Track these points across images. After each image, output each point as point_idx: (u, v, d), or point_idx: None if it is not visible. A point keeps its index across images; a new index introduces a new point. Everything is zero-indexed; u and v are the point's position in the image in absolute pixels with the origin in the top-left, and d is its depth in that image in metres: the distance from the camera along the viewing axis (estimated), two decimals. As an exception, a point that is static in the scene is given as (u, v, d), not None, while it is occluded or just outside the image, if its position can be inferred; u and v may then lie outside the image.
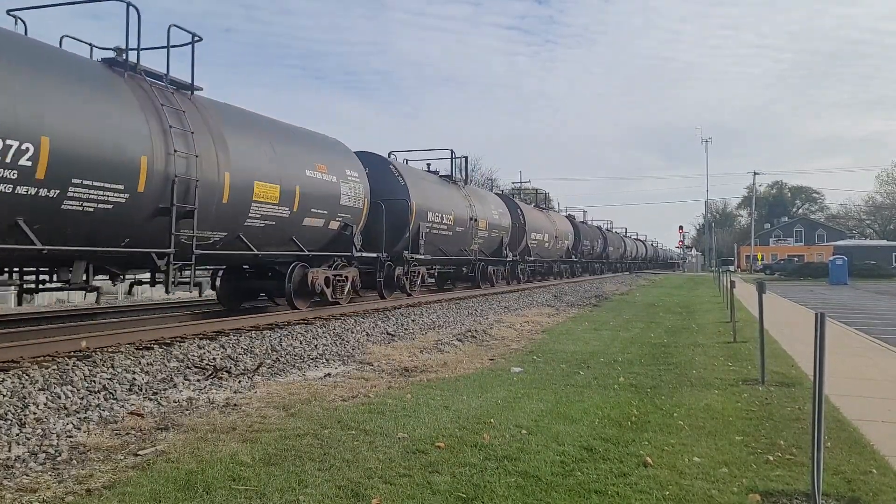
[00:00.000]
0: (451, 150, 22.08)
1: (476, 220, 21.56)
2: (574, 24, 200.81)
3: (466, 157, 23.35)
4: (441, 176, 21.30)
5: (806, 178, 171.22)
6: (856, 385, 7.71)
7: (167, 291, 9.58)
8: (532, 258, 29.17)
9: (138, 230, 8.73)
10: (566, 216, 40.84)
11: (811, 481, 3.92)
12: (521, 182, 43.96)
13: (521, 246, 27.20)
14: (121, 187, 8.16)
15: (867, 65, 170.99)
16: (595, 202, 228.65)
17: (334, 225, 13.31)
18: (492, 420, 5.83)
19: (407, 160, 20.02)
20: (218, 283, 13.42)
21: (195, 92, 10.28)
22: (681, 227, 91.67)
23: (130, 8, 8.82)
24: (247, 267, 13.09)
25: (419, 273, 18.11)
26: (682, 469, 4.58)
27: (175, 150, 8.93)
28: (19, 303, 14.84)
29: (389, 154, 18.24)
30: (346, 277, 14.01)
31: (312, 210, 12.28)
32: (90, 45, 9.38)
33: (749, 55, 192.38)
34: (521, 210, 28.10)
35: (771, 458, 4.87)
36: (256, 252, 11.04)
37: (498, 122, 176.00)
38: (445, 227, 19.15)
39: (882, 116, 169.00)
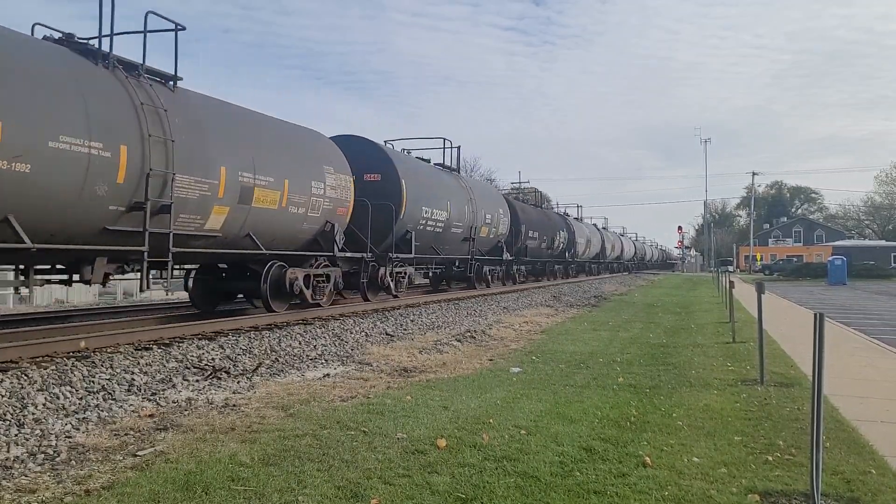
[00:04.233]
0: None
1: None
2: (572, 25, 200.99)
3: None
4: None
5: (805, 178, 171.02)
6: (855, 385, 7.72)
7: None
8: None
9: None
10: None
11: (810, 481, 3.92)
12: (520, 182, 43.81)
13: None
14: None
15: (866, 65, 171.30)
16: (594, 202, 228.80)
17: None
18: (491, 420, 5.83)
19: (406, 150, 19.03)
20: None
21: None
22: (680, 228, 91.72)
23: None
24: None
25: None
26: (681, 469, 4.58)
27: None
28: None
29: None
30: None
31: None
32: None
33: (748, 55, 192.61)
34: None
35: (770, 458, 4.87)
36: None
37: (497, 121, 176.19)
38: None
39: (881, 117, 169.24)
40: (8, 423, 5.41)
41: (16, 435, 5.15)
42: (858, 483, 4.36)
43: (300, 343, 9.97)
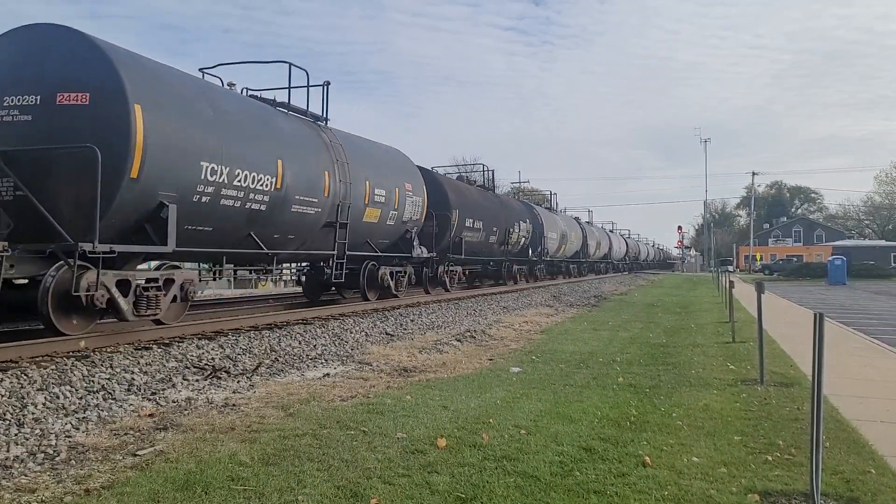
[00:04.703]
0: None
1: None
2: (572, 25, 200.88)
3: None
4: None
5: (805, 178, 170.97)
6: (854, 385, 7.72)
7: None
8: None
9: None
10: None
11: (810, 481, 3.92)
12: (520, 182, 43.81)
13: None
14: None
15: (865, 65, 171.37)
16: (594, 202, 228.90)
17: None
18: (491, 420, 5.83)
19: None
20: (303, 279, 16.02)
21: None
22: (680, 227, 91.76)
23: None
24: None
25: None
26: (680, 469, 4.58)
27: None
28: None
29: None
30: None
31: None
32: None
33: (748, 55, 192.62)
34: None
35: (770, 458, 4.87)
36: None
37: (497, 121, 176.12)
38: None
39: (881, 117, 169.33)
40: (8, 422, 5.41)
41: (16, 434, 5.15)
42: (858, 483, 4.36)
43: (300, 343, 9.97)
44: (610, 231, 56.86)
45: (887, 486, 4.31)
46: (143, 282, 8.81)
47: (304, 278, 16.01)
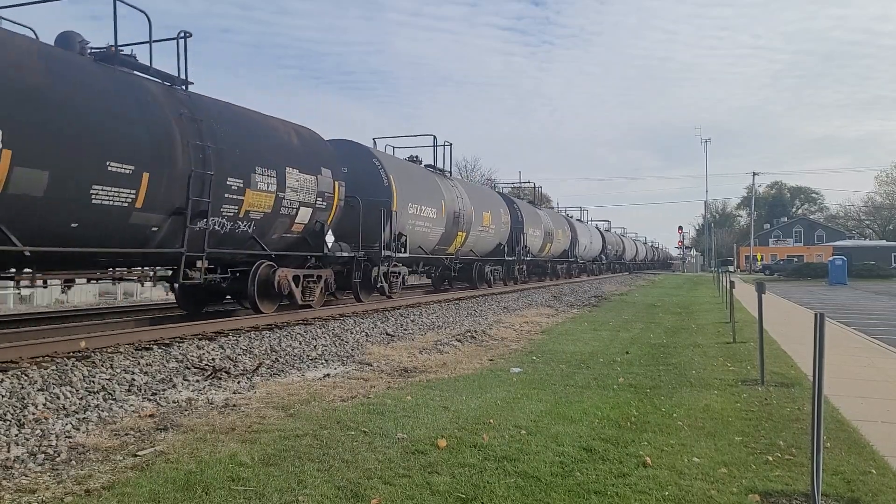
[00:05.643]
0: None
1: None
2: (570, 25, 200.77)
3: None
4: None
5: (805, 178, 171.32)
6: (855, 385, 7.72)
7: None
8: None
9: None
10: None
11: (810, 481, 3.92)
12: (520, 182, 43.72)
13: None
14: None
15: (862, 65, 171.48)
16: (594, 202, 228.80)
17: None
18: (491, 420, 5.83)
19: (393, 147, 18.87)
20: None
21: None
22: (680, 228, 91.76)
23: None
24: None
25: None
26: (681, 469, 4.58)
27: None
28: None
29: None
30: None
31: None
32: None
33: (745, 55, 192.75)
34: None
35: (770, 458, 4.87)
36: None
37: (496, 121, 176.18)
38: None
39: (878, 117, 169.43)
40: (8, 422, 5.41)
41: (16, 435, 5.15)
42: (859, 483, 4.36)
43: (300, 343, 9.97)
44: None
45: (888, 487, 4.31)
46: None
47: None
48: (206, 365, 8.07)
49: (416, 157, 19.41)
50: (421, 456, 4.79)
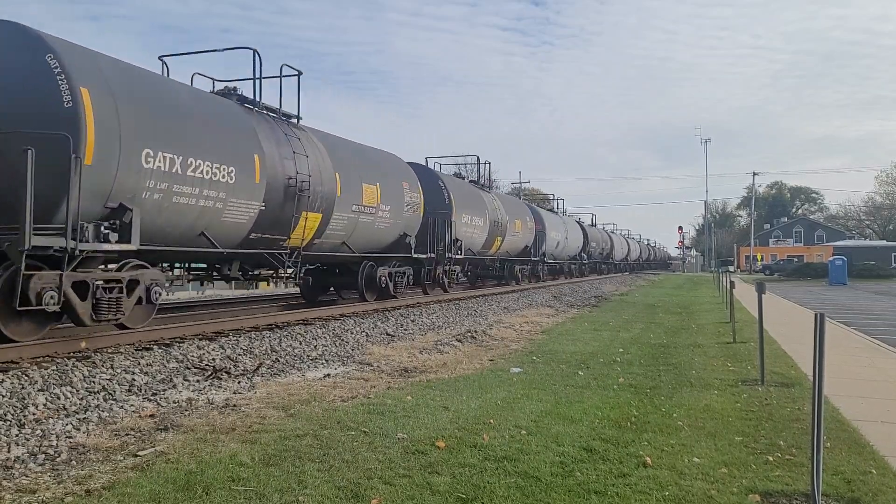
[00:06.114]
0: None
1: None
2: (570, 25, 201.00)
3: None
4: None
5: (805, 178, 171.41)
6: (855, 385, 7.71)
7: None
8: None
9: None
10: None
11: (811, 481, 3.92)
12: (520, 182, 43.91)
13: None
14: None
15: (862, 65, 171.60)
16: (594, 202, 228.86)
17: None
18: (491, 420, 5.83)
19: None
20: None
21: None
22: (680, 228, 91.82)
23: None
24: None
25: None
26: (681, 469, 4.58)
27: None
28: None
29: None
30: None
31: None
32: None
33: (745, 55, 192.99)
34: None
35: (770, 458, 4.87)
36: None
37: (496, 121, 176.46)
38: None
39: (878, 117, 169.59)
40: (9, 423, 5.41)
41: (16, 435, 5.16)
42: (859, 483, 4.36)
43: (301, 343, 9.97)
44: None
45: (888, 487, 4.31)
46: None
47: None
48: (206, 365, 8.08)
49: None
50: (421, 456, 4.79)
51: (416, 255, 16.56)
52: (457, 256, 19.34)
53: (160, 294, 9.45)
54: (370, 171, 14.68)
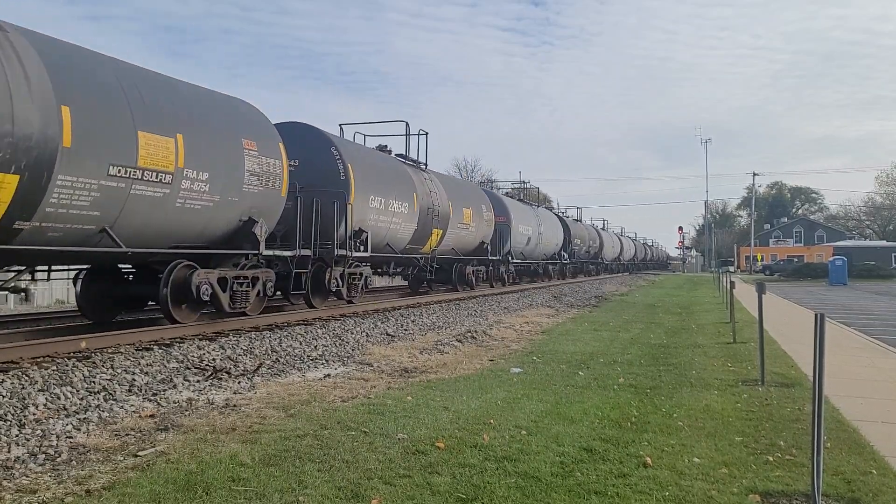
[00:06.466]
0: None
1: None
2: (570, 26, 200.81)
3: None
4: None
5: (805, 178, 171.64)
6: (855, 386, 7.71)
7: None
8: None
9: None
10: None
11: (811, 482, 3.92)
12: (520, 182, 43.58)
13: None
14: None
15: (862, 65, 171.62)
16: (594, 203, 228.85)
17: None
18: (491, 421, 5.83)
19: (364, 135, 17.15)
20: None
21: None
22: (680, 228, 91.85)
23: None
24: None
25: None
26: (681, 470, 4.58)
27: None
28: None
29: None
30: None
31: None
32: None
33: (745, 55, 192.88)
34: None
35: (771, 458, 4.87)
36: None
37: (496, 121, 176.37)
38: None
39: (878, 117, 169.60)
40: (9, 423, 5.41)
41: (17, 435, 5.16)
42: (859, 483, 4.36)
43: (301, 343, 9.98)
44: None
45: (888, 487, 4.31)
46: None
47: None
48: (206, 365, 8.08)
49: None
50: (421, 456, 4.79)
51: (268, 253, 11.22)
52: (359, 254, 14.09)
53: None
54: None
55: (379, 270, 18.08)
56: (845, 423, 5.90)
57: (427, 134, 17.49)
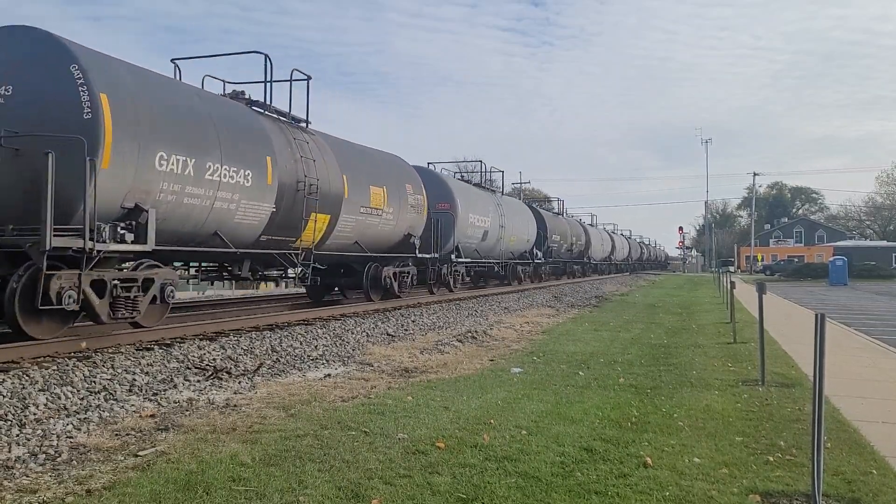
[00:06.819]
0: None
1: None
2: (570, 26, 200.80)
3: (310, 78, 14.13)
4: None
5: (805, 178, 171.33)
6: (856, 386, 7.72)
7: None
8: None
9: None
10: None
11: (811, 482, 3.92)
12: (521, 182, 43.71)
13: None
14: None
15: (862, 65, 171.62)
16: (594, 203, 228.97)
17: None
18: (492, 421, 5.83)
19: (223, 81, 14.44)
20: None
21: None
22: (680, 228, 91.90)
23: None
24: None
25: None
26: (682, 470, 4.58)
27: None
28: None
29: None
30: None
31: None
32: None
33: (745, 55, 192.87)
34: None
35: (771, 458, 4.87)
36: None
37: (496, 121, 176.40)
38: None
39: (878, 117, 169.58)
40: (10, 423, 5.41)
41: (17, 435, 5.16)
42: (860, 483, 4.36)
43: (301, 343, 9.98)
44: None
45: (889, 487, 4.31)
46: None
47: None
48: (207, 365, 8.08)
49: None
50: (422, 456, 4.79)
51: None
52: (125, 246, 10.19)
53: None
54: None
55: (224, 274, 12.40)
56: (846, 424, 5.90)
57: (309, 79, 12.47)
